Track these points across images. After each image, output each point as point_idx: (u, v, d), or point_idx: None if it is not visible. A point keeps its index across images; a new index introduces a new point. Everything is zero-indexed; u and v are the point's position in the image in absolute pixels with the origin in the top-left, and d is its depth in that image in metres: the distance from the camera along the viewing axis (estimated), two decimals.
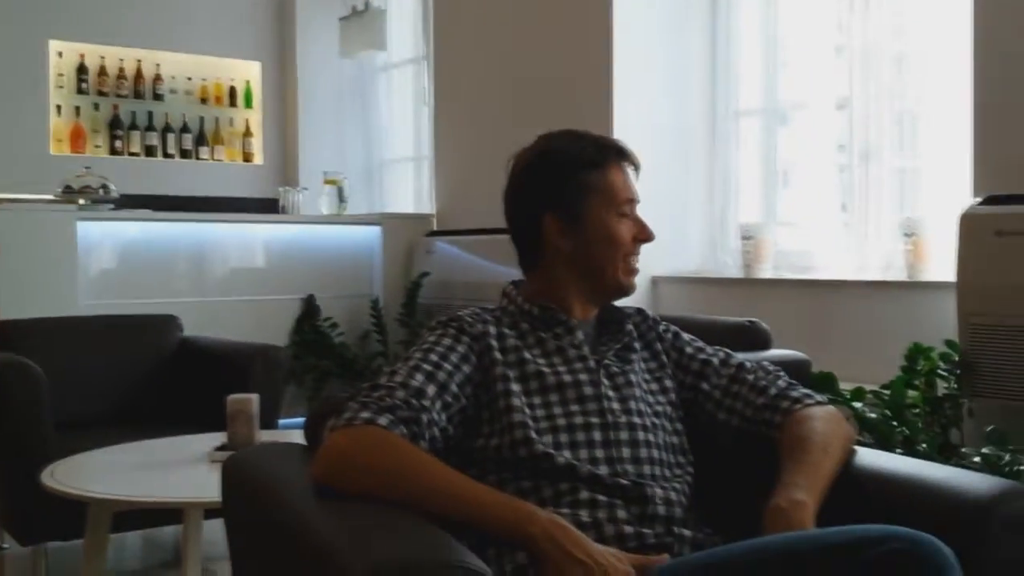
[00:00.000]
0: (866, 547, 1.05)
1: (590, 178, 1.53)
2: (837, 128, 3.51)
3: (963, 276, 2.70)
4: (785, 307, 3.34)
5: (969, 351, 2.67)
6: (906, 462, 1.51)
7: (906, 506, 1.37)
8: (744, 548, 1.18)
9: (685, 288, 3.76)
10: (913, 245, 3.13)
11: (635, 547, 1.34)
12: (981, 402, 2.67)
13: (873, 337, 3.10)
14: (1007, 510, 1.28)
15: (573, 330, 1.56)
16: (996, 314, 2.62)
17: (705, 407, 1.59)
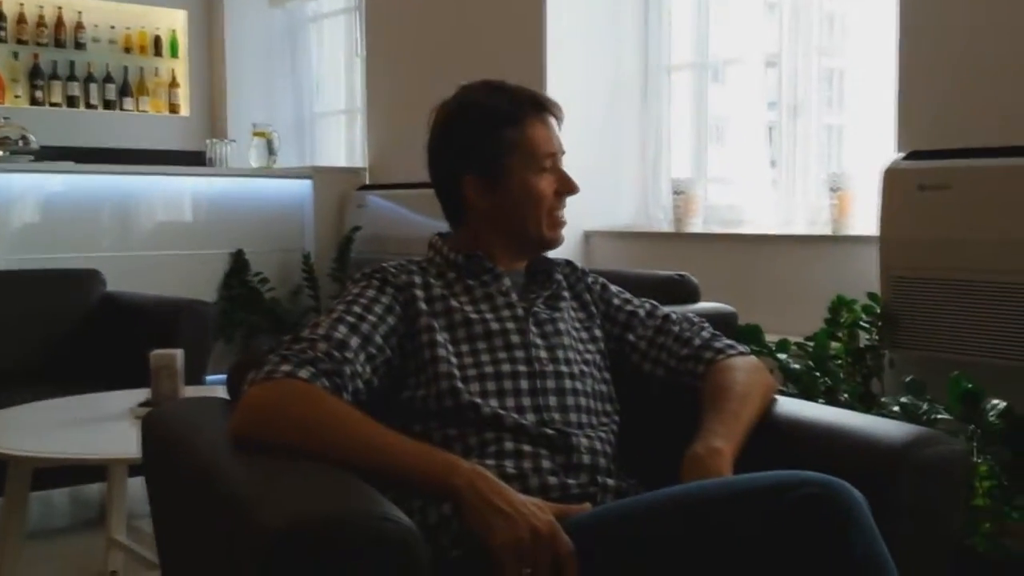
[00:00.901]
0: (780, 492, 1.07)
1: (508, 134, 1.51)
2: (767, 85, 3.53)
3: (886, 230, 2.75)
4: (715, 261, 3.38)
5: (890, 303, 2.72)
6: (824, 410, 1.54)
7: (823, 453, 1.40)
8: (660, 495, 1.19)
9: (618, 242, 3.77)
10: (839, 200, 3.18)
11: (559, 497, 1.35)
12: (901, 353, 2.74)
13: (799, 290, 3.15)
14: (918, 455, 1.31)
15: (500, 277, 1.55)
16: (917, 267, 2.68)
17: (631, 358, 1.60)
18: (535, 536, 1.16)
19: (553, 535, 1.17)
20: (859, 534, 1.05)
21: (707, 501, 1.14)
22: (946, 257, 2.61)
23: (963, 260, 2.57)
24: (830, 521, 1.05)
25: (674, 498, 1.18)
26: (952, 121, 2.73)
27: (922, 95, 2.80)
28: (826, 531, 1.04)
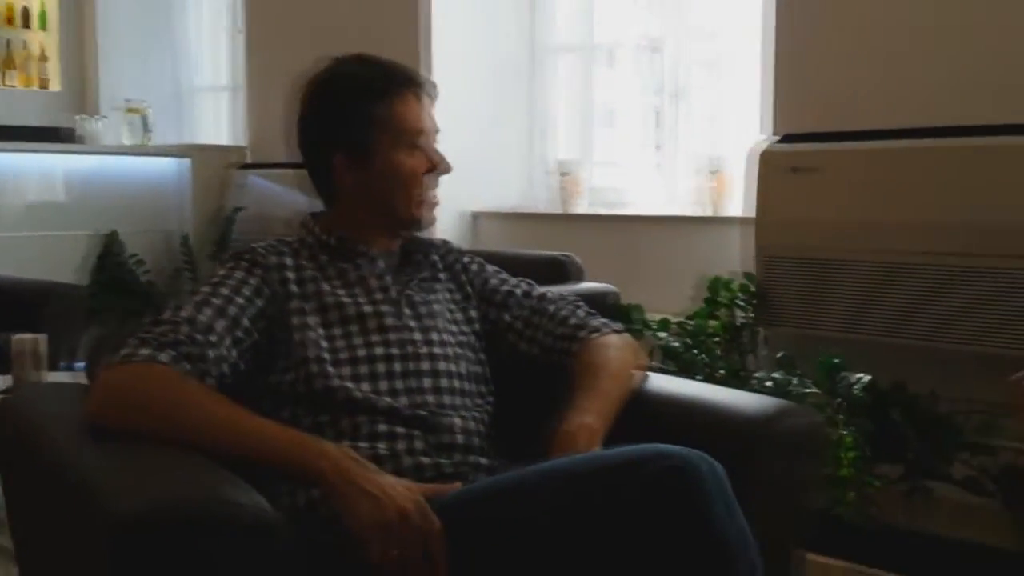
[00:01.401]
0: (640, 465, 1.08)
1: (376, 110, 1.48)
2: (650, 68, 3.58)
3: (760, 211, 2.82)
4: (599, 242, 3.42)
5: (764, 282, 2.80)
6: (692, 386, 1.57)
7: (690, 427, 1.42)
8: (527, 473, 1.20)
9: (504, 223, 3.78)
10: (717, 182, 3.25)
11: (432, 477, 1.34)
12: (775, 330, 2.82)
13: (680, 270, 3.20)
14: (777, 427, 1.35)
15: (374, 260, 1.53)
16: (789, 247, 2.76)
17: (507, 338, 1.60)
18: (403, 517, 1.15)
19: (422, 515, 1.16)
20: (716, 505, 1.07)
21: (573, 476, 1.15)
22: (817, 237, 2.70)
23: (833, 240, 2.66)
24: (687, 493, 1.07)
25: (540, 474, 1.18)
26: (824, 106, 2.82)
27: (796, 80, 2.88)
28: (683, 503, 1.06)
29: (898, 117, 2.63)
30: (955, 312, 2.42)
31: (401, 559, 1.14)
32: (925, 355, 2.49)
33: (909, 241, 2.50)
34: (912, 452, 2.34)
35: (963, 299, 2.41)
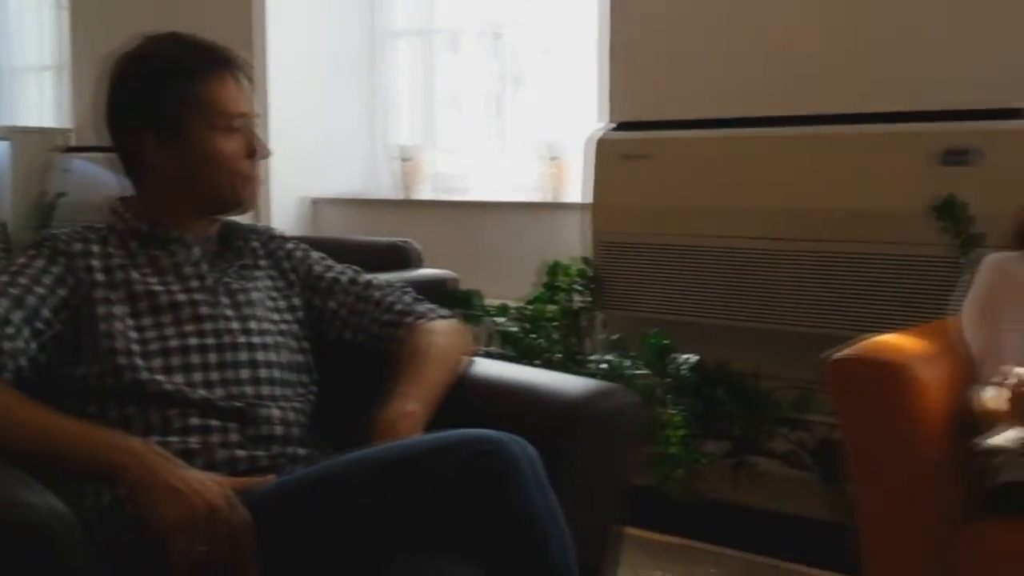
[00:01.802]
0: (452, 451, 1.09)
1: (188, 90, 1.43)
2: (491, 54, 3.58)
3: (596, 197, 2.87)
4: (441, 228, 3.40)
5: (601, 267, 2.85)
6: (517, 370, 1.59)
7: (513, 410, 1.44)
8: (342, 462, 1.18)
9: (345, 210, 3.72)
10: (557, 169, 3.29)
11: (246, 470, 1.30)
12: (611, 314, 2.88)
13: (521, 256, 3.22)
14: (595, 408, 1.38)
15: (189, 246, 1.47)
16: (624, 232, 2.82)
17: (332, 325, 1.57)
18: (211, 512, 1.11)
19: (231, 510, 1.12)
20: (529, 487, 1.09)
21: (383, 464, 1.14)
22: (649, 223, 2.76)
23: (664, 225, 2.73)
24: (499, 476, 1.07)
25: (354, 463, 1.17)
26: (657, 94, 2.89)
27: (630, 69, 2.94)
28: (495, 486, 1.07)
29: (727, 106, 2.72)
30: (776, 294, 2.53)
31: (210, 556, 1.11)
32: (749, 335, 2.60)
33: (734, 226, 2.60)
34: (737, 429, 2.44)
35: (783, 282, 2.51)
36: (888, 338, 1.73)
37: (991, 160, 2.25)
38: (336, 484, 1.15)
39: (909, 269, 2.33)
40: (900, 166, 2.36)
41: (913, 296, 2.31)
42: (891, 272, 2.36)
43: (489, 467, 1.07)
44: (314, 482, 1.18)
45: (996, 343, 1.69)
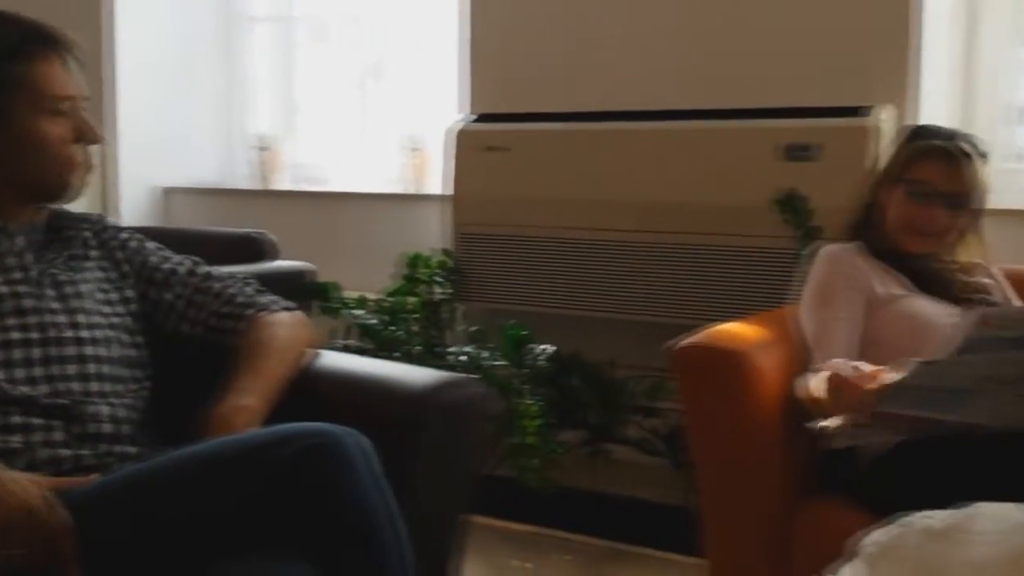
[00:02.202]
0: (283, 445, 1.06)
1: (12, 71, 1.35)
2: (353, 42, 3.53)
3: (456, 189, 2.87)
4: (300, 219, 3.34)
5: (461, 258, 2.85)
6: (363, 363, 1.57)
7: (358, 402, 1.42)
8: (172, 458, 1.14)
9: (199, 200, 3.60)
10: (419, 160, 3.27)
11: (71, 470, 1.25)
12: (472, 305, 2.89)
13: (382, 247, 3.19)
14: (441, 399, 1.37)
15: (12, 236, 1.40)
16: (483, 224, 2.83)
17: (169, 318, 1.52)
18: (27, 513, 1.06)
19: (50, 510, 1.07)
20: (362, 481, 1.07)
21: (217, 460, 1.11)
22: (508, 214, 2.78)
23: (522, 217, 2.75)
24: (332, 469, 1.06)
25: (182, 460, 1.13)
26: (517, 87, 2.90)
27: (491, 61, 2.94)
28: (327, 479, 1.05)
29: (586, 100, 2.76)
30: (631, 285, 2.58)
31: (27, 559, 1.05)
32: (605, 326, 2.64)
33: (591, 219, 2.64)
34: (592, 417, 2.48)
35: (637, 273, 2.57)
36: (729, 326, 1.79)
37: (830, 156, 2.35)
38: (163, 482, 1.11)
39: (755, 260, 2.42)
40: (746, 161, 2.45)
41: (759, 286, 2.39)
42: (738, 263, 2.44)
43: (321, 461, 1.05)
44: (140, 480, 1.14)
45: (828, 331, 1.76)
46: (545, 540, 2.42)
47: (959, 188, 1.77)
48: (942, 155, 1.77)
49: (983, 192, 1.80)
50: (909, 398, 1.45)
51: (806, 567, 1.20)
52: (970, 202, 1.79)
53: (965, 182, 1.77)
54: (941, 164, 1.77)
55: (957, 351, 1.39)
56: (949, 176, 1.77)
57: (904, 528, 1.03)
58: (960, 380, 1.42)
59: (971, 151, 1.78)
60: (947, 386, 1.43)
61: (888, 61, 2.40)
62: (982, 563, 0.96)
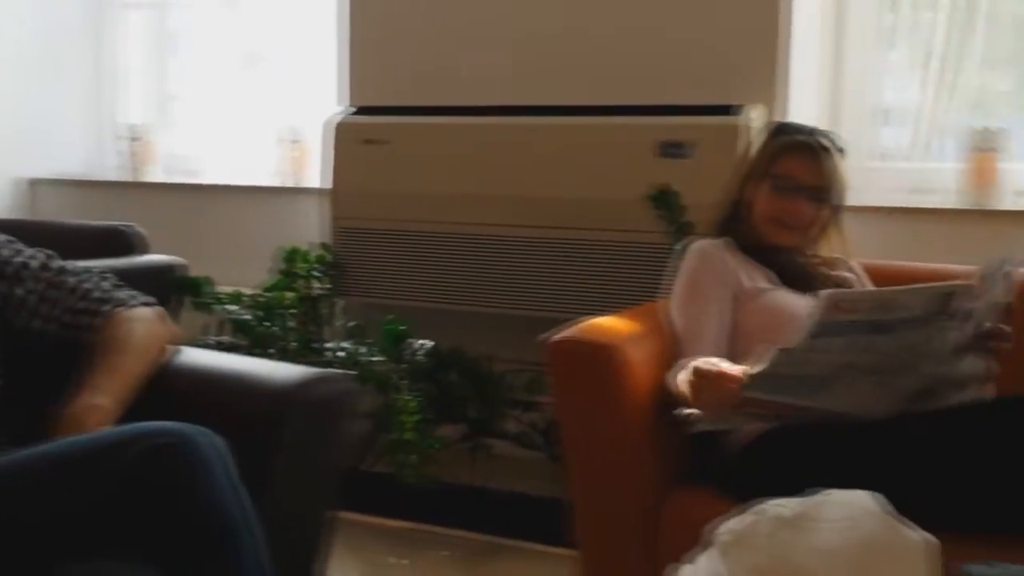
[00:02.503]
0: (132, 444, 1.03)
1: None
2: (231, 32, 3.44)
3: (335, 182, 2.83)
4: (172, 211, 3.25)
5: (340, 253, 2.81)
6: (228, 359, 1.53)
7: (220, 399, 1.38)
8: (20, 458, 1.09)
9: (67, 191, 3.45)
10: (297, 152, 3.21)
11: None
12: (351, 301, 2.85)
13: (259, 241, 3.11)
14: (306, 395, 1.35)
15: None
16: (362, 218, 2.79)
17: (20, 314, 1.45)
18: None
19: None
20: (215, 479, 1.04)
21: (65, 460, 1.06)
22: (388, 209, 2.75)
23: (401, 211, 2.73)
24: (182, 468, 1.03)
25: (31, 460, 1.08)
26: (397, 80, 2.87)
27: (370, 53, 2.91)
28: (178, 479, 1.02)
29: (466, 94, 2.75)
30: (510, 279, 2.59)
31: None
32: (484, 320, 2.64)
33: (470, 213, 2.63)
34: (471, 412, 2.48)
35: (516, 267, 2.58)
36: (601, 320, 1.81)
37: (702, 153, 2.40)
38: (11, 482, 1.06)
39: (630, 255, 2.45)
40: (622, 157, 2.48)
41: (634, 280, 2.43)
42: (615, 257, 2.48)
43: (171, 461, 1.02)
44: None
45: (699, 326, 1.80)
46: (423, 536, 2.41)
47: (821, 181, 1.83)
48: (804, 150, 1.83)
49: (843, 186, 1.87)
50: (771, 385, 1.48)
51: (674, 556, 1.22)
52: (831, 195, 1.85)
53: (826, 175, 1.83)
54: (803, 159, 1.83)
55: (810, 335, 1.42)
56: (811, 170, 1.83)
57: (756, 516, 1.06)
58: (818, 367, 1.46)
59: (831, 146, 1.85)
60: (806, 373, 1.46)
61: (759, 62, 2.46)
62: (829, 549, 1.00)
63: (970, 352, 1.57)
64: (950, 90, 2.46)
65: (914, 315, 1.42)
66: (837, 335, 1.41)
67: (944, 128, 2.47)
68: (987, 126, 2.37)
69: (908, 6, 2.57)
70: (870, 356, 1.46)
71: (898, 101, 2.68)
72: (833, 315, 1.39)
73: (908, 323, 1.43)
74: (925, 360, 1.50)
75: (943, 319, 1.45)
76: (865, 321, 1.41)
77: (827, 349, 1.43)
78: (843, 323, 1.40)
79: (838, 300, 1.40)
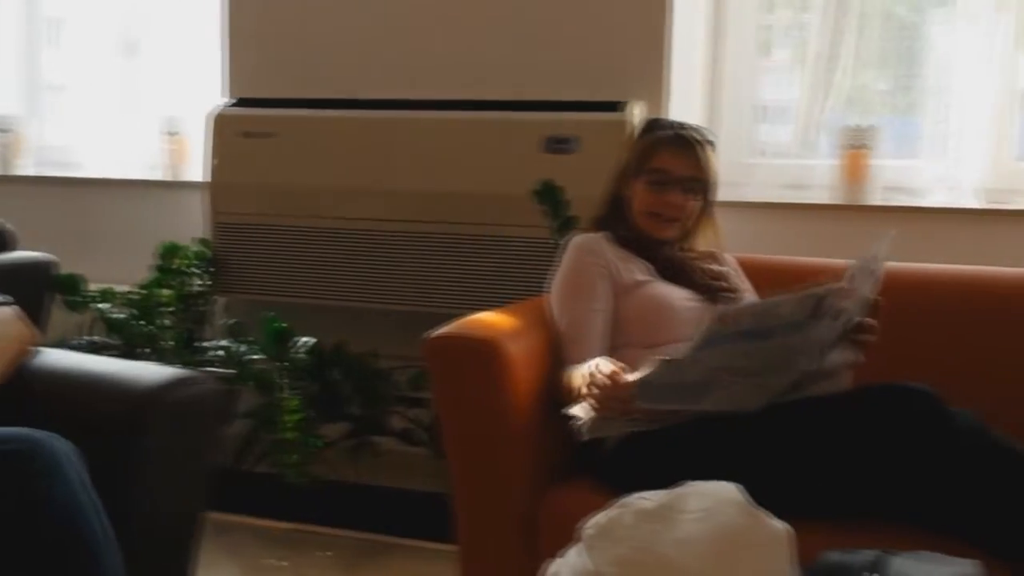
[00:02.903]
0: None
1: None
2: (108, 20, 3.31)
3: (215, 176, 2.75)
4: (45, 207, 3.11)
5: (220, 249, 2.74)
6: (89, 360, 1.47)
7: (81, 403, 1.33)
8: None
9: None
10: (176, 145, 3.11)
11: None
12: (233, 298, 2.78)
13: (137, 237, 3.01)
14: (169, 397, 1.30)
15: None
16: (243, 213, 2.72)
17: None
18: None
19: None
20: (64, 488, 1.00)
21: None
22: (270, 203, 2.69)
23: (283, 206, 2.68)
24: (28, 477, 0.98)
25: None
26: (278, 72, 2.82)
27: (251, 44, 2.84)
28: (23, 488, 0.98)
29: (349, 87, 2.71)
30: (394, 275, 2.56)
31: None
32: (368, 316, 2.61)
33: (354, 208, 2.60)
34: (355, 410, 2.44)
35: (401, 262, 2.55)
36: (482, 316, 1.80)
37: (587, 149, 2.42)
38: None
39: (517, 250, 2.46)
40: (508, 152, 2.48)
41: (520, 275, 2.43)
42: (501, 252, 2.47)
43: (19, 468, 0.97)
44: None
45: (586, 323, 1.81)
46: (305, 537, 2.37)
47: (693, 173, 1.87)
48: (676, 143, 1.88)
49: (715, 177, 1.91)
50: (657, 394, 1.51)
51: (554, 551, 1.22)
52: (705, 186, 1.89)
53: (698, 167, 1.87)
54: (675, 152, 1.87)
55: (695, 348, 1.45)
56: (683, 162, 1.86)
57: (621, 510, 1.07)
58: (700, 374, 1.50)
59: (700, 139, 1.89)
60: (689, 380, 1.50)
61: (642, 60, 2.49)
62: (689, 539, 1.01)
63: (839, 345, 1.62)
64: (827, 89, 2.52)
65: (790, 321, 1.46)
66: (722, 343, 1.45)
67: (821, 126, 2.54)
68: (859, 124, 2.45)
69: (786, 7, 2.64)
70: (749, 360, 1.50)
71: (778, 99, 2.75)
72: (720, 328, 1.43)
73: (786, 328, 1.47)
74: (799, 358, 1.54)
75: (817, 321, 1.49)
76: (743, 331, 1.45)
77: (703, 360, 1.47)
78: (727, 334, 1.44)
79: (725, 315, 1.44)
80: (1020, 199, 2.37)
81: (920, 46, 2.47)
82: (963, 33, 2.38)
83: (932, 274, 2.00)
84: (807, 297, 1.45)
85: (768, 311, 1.45)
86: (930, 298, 1.96)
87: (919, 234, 2.28)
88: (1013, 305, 1.92)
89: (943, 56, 2.44)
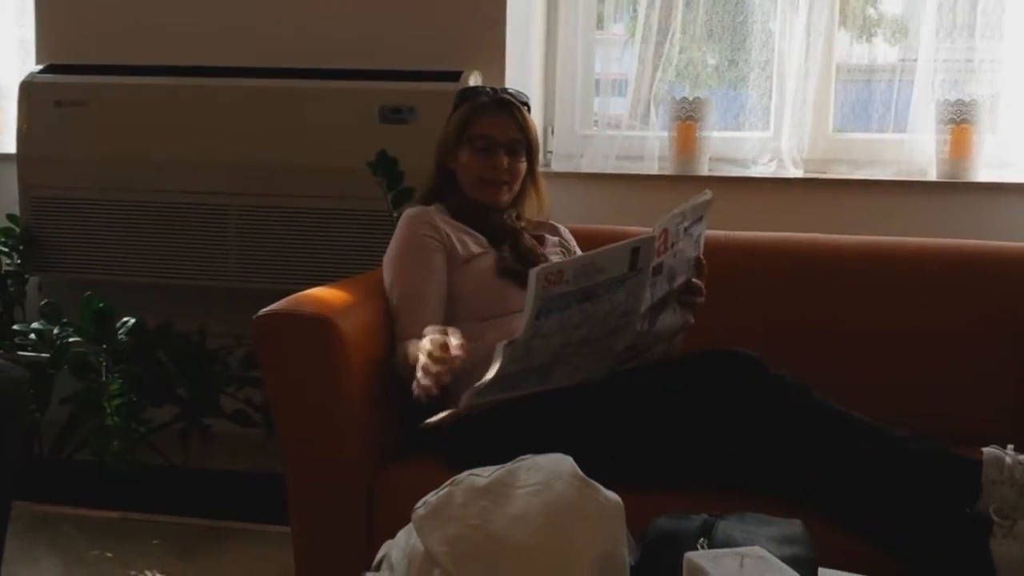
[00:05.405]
0: None
1: None
2: None
3: (23, 148, 2.57)
4: None
5: (33, 225, 2.56)
6: None
7: None
8: None
9: None
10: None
11: None
12: (49, 277, 2.61)
13: None
14: None
15: None
16: (57, 187, 2.56)
17: None
18: None
19: None
20: None
21: None
22: (85, 176, 2.54)
23: (102, 179, 2.53)
24: None
25: None
26: (90, 37, 2.64)
27: (60, 9, 2.65)
28: None
29: (170, 53, 2.57)
30: (222, 250, 2.46)
31: None
32: (196, 294, 2.50)
33: (177, 180, 2.47)
34: (183, 392, 2.33)
35: (229, 237, 2.45)
36: (314, 291, 1.74)
37: (423, 119, 2.37)
38: None
39: (352, 223, 2.40)
40: (342, 123, 2.40)
41: (358, 248, 2.37)
42: (336, 226, 2.41)
43: None
44: None
45: (421, 296, 1.77)
46: (133, 525, 2.24)
47: (514, 135, 1.87)
48: (495, 108, 1.88)
49: (536, 137, 1.91)
50: (504, 386, 1.48)
51: (390, 531, 1.18)
52: (528, 147, 1.89)
53: (520, 128, 1.88)
54: (495, 116, 1.87)
55: (532, 318, 1.42)
56: (504, 125, 1.87)
57: (452, 487, 1.04)
58: (541, 356, 1.48)
59: (516, 101, 1.89)
60: (534, 365, 1.48)
61: (479, 30, 2.46)
62: (521, 514, 0.99)
63: (669, 307, 1.65)
64: (659, 62, 2.56)
65: (612, 276, 1.47)
66: (555, 311, 1.43)
67: (654, 98, 2.57)
68: (689, 96, 2.49)
69: None
70: (583, 330, 1.49)
71: (612, 72, 2.77)
72: (546, 290, 1.41)
73: (609, 285, 1.47)
74: (630, 317, 1.55)
75: (638, 276, 1.50)
76: (574, 291, 1.44)
77: (545, 334, 1.44)
78: (557, 296, 1.42)
79: (546, 273, 1.41)
80: (839, 168, 2.48)
81: (746, 21, 2.54)
82: (787, 10, 2.46)
83: (757, 241, 2.06)
84: (621, 247, 1.46)
85: (586, 265, 1.44)
86: (756, 265, 2.01)
87: (745, 203, 2.35)
88: (834, 271, 1.99)
89: (768, 32, 2.51)
